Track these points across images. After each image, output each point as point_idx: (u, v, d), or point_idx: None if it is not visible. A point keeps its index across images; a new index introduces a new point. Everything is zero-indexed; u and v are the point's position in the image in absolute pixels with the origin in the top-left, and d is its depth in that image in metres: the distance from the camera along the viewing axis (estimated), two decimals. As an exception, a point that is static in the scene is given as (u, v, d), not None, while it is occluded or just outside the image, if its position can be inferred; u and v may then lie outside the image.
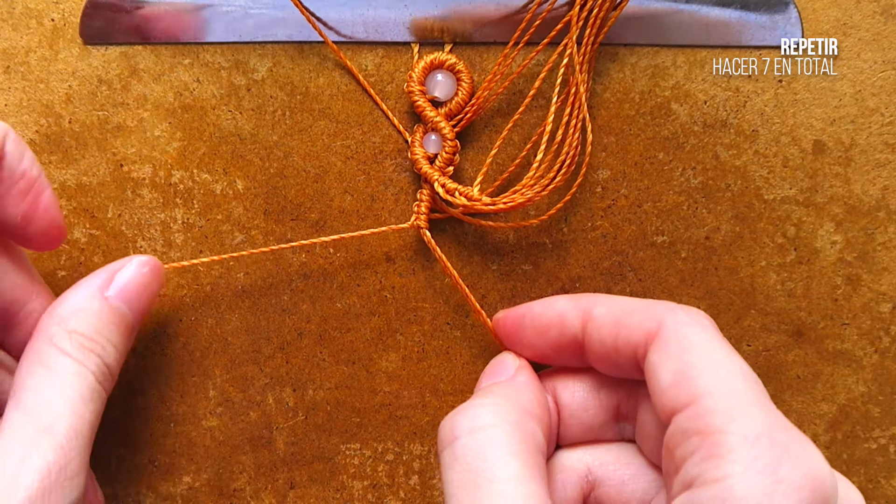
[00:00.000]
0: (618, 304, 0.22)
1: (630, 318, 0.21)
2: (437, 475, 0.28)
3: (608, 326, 0.22)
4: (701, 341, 0.20)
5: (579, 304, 0.23)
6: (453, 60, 0.27)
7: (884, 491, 0.28)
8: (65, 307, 0.22)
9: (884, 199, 0.28)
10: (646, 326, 0.21)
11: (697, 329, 0.20)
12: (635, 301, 0.22)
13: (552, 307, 0.24)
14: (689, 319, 0.21)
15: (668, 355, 0.20)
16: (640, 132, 0.28)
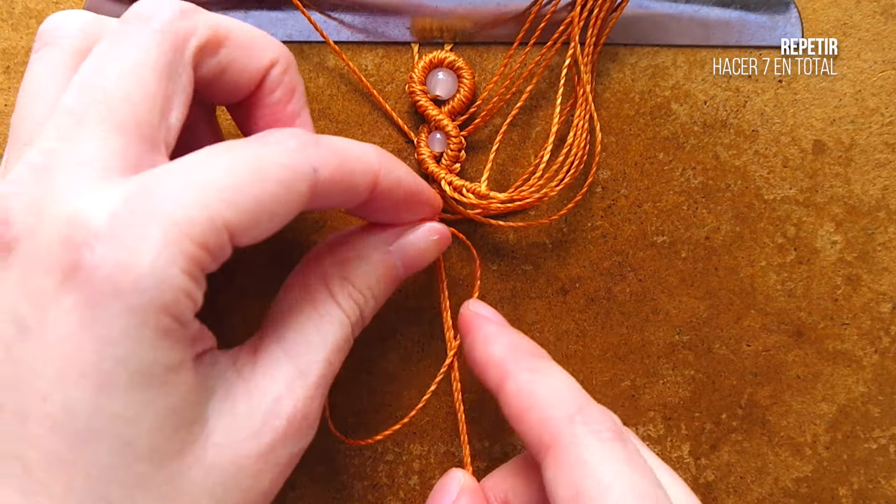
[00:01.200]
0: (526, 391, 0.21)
1: (530, 416, 0.21)
2: (436, 475, 0.28)
3: (512, 410, 0.21)
4: (593, 460, 0.19)
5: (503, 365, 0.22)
6: (453, 58, 0.27)
7: (884, 491, 0.28)
8: (347, 251, 0.22)
9: (884, 199, 0.28)
10: (541, 433, 0.20)
11: (594, 444, 0.19)
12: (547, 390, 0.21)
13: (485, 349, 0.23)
14: (586, 433, 0.19)
15: (560, 479, 0.19)
16: (640, 132, 0.28)
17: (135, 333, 0.16)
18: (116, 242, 0.16)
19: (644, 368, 0.28)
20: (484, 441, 0.28)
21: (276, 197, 0.18)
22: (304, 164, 0.18)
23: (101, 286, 0.16)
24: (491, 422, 0.28)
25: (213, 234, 0.16)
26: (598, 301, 0.28)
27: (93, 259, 0.16)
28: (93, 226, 0.16)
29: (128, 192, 0.16)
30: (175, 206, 0.16)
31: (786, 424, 0.28)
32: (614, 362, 0.28)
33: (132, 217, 0.16)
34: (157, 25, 0.19)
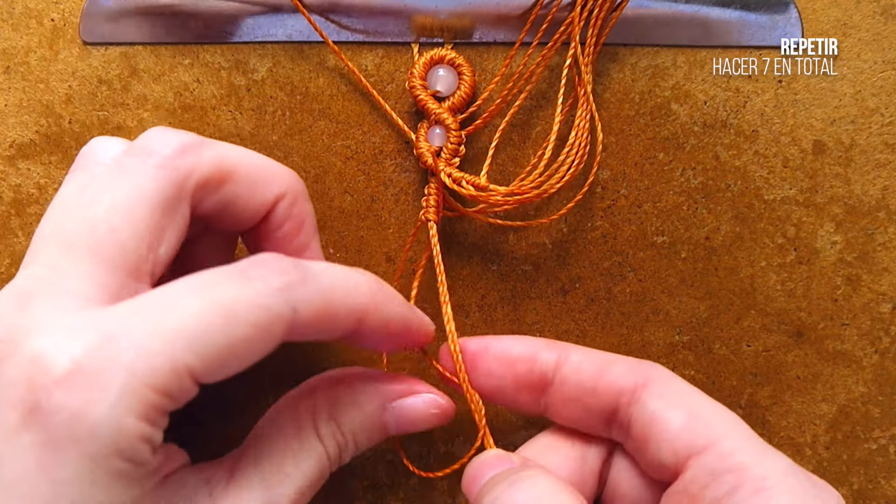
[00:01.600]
0: (597, 354, 0.22)
1: (613, 367, 0.21)
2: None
3: (589, 371, 0.22)
4: (694, 391, 0.21)
5: (555, 345, 0.23)
6: (454, 55, 0.27)
7: (884, 491, 0.28)
8: (344, 396, 0.22)
9: (884, 200, 0.28)
10: (632, 377, 0.21)
11: (684, 382, 0.21)
12: (612, 354, 0.22)
13: (524, 341, 0.23)
14: (673, 374, 0.21)
15: (672, 401, 0.20)
16: (640, 132, 0.28)
17: (89, 477, 0.16)
18: (74, 390, 0.16)
19: (644, 368, 0.28)
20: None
21: (247, 340, 0.17)
22: (282, 306, 0.18)
23: (57, 431, 0.16)
24: (491, 422, 0.28)
25: (174, 381, 0.17)
26: (598, 301, 0.28)
27: (50, 404, 0.16)
28: (53, 371, 0.16)
29: (92, 339, 0.17)
30: (137, 354, 0.16)
31: (786, 425, 0.28)
32: (614, 362, 0.28)
33: (94, 364, 0.16)
34: (157, 161, 0.19)
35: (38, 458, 0.16)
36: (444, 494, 0.28)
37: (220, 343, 0.17)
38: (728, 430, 0.19)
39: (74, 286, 0.18)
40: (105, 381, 0.16)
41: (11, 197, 0.28)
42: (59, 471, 0.16)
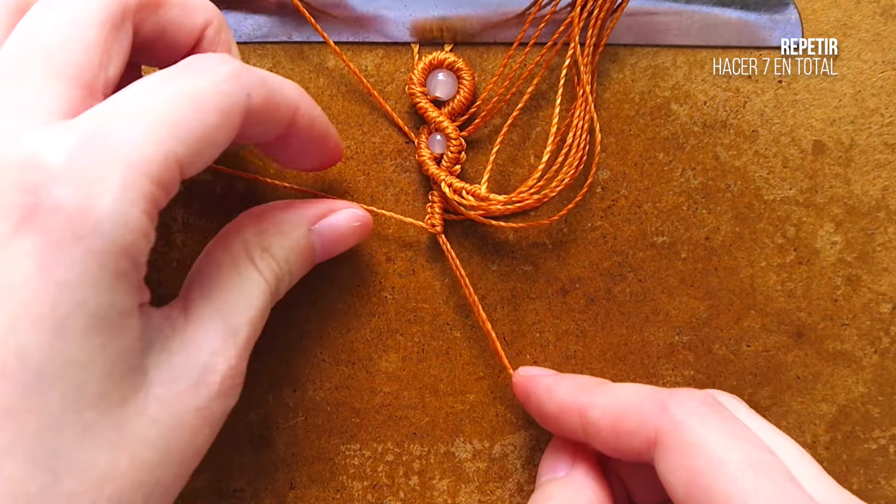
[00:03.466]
0: (612, 406, 0.22)
1: (626, 424, 0.21)
2: (436, 475, 0.28)
3: (607, 431, 0.21)
4: (700, 439, 0.19)
5: (577, 400, 0.23)
6: (453, 59, 0.27)
7: (884, 491, 0.28)
8: (268, 224, 0.22)
9: (884, 200, 0.28)
10: (644, 433, 0.20)
11: (696, 422, 0.20)
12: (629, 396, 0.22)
13: (552, 398, 0.23)
14: (684, 413, 0.20)
15: (673, 466, 0.19)
16: (640, 133, 0.28)
17: (94, 277, 0.16)
18: (76, 184, 0.16)
19: (644, 369, 0.28)
20: (484, 441, 0.28)
21: (217, 126, 0.18)
22: (238, 91, 0.18)
23: (60, 229, 0.15)
24: (490, 422, 0.28)
25: (166, 170, 0.17)
26: (598, 301, 0.28)
27: (51, 202, 0.15)
28: (51, 168, 0.16)
29: (82, 133, 0.16)
30: (131, 145, 0.16)
31: (786, 425, 0.28)
32: (614, 363, 0.28)
33: (90, 158, 0.16)
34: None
35: (38, 260, 0.15)
36: (444, 494, 0.28)
37: (196, 130, 0.17)
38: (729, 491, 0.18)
39: (36, 101, 0.17)
40: (104, 173, 0.16)
41: (11, 197, 0.28)
42: (62, 272, 0.15)
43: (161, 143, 0.17)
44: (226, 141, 0.19)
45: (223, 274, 0.21)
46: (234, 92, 0.18)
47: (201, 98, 0.18)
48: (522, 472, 0.28)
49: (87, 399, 0.16)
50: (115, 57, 0.19)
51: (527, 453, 0.28)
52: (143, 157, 0.16)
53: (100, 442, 0.16)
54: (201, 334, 0.20)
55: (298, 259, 0.23)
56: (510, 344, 0.28)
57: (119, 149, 0.16)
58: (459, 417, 0.28)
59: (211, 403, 0.19)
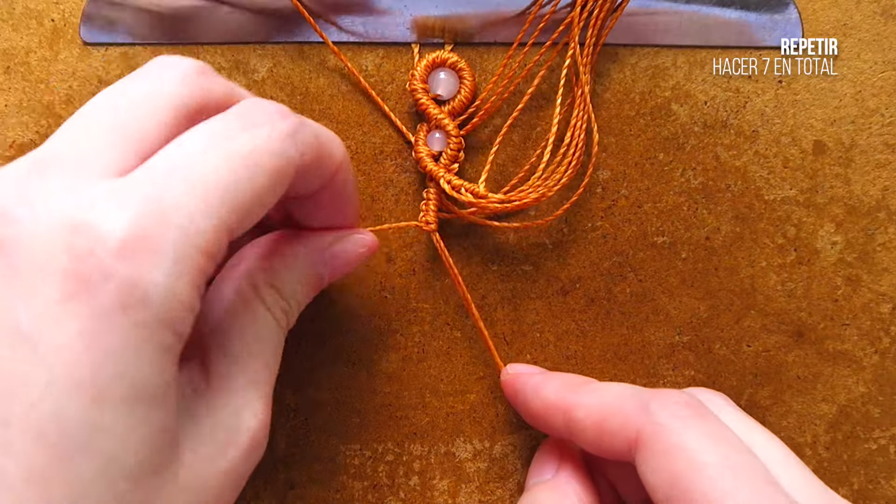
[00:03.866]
0: (596, 406, 0.22)
1: (609, 424, 0.21)
2: (436, 475, 0.28)
3: (590, 431, 0.21)
4: (681, 441, 0.19)
5: (563, 399, 0.23)
6: (455, 59, 0.27)
7: (884, 491, 0.28)
8: (276, 259, 0.22)
9: (884, 200, 0.28)
10: (625, 434, 0.20)
11: (677, 425, 0.20)
12: (613, 396, 0.22)
13: (539, 396, 0.24)
14: (666, 416, 0.20)
15: (654, 467, 0.19)
16: (641, 133, 0.28)
17: (137, 349, 0.16)
18: (129, 258, 0.15)
19: (644, 369, 0.28)
20: (484, 441, 0.28)
21: (269, 189, 0.18)
22: (294, 152, 0.18)
23: (109, 298, 0.15)
24: (491, 422, 0.28)
25: (217, 241, 0.17)
26: (598, 301, 0.28)
27: (102, 270, 0.15)
28: (107, 238, 0.15)
29: (137, 199, 0.16)
30: (186, 216, 0.16)
31: (786, 425, 0.28)
32: (615, 363, 0.28)
33: (144, 228, 0.16)
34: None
35: (83, 326, 0.15)
36: (445, 494, 0.28)
37: (247, 195, 0.17)
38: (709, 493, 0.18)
39: (93, 157, 0.17)
40: (159, 246, 0.16)
41: (12, 197, 0.28)
42: (106, 340, 0.15)
43: (214, 213, 0.16)
44: (276, 198, 0.18)
45: (237, 322, 0.21)
46: (289, 152, 0.18)
47: (256, 161, 0.17)
48: (523, 472, 0.28)
49: (121, 470, 0.16)
50: None
51: (527, 453, 0.28)
52: (196, 229, 0.16)
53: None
54: (225, 395, 0.19)
55: (307, 290, 0.23)
56: (510, 344, 0.28)
57: (174, 220, 0.16)
58: (460, 417, 0.28)
59: (238, 464, 0.19)
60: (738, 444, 0.19)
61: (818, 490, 0.20)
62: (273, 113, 0.19)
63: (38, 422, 0.15)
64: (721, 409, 0.22)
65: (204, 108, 0.19)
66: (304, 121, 0.19)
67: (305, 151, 0.19)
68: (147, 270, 0.15)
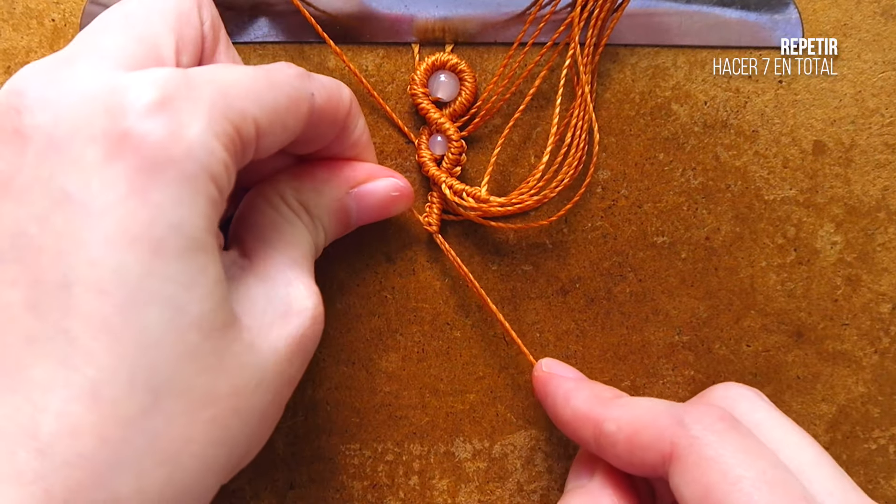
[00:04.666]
0: (628, 420, 0.21)
1: (641, 437, 0.21)
2: (436, 475, 0.28)
3: (621, 445, 0.21)
4: (717, 455, 0.19)
5: (593, 411, 0.22)
6: (455, 61, 0.27)
7: (884, 491, 0.28)
8: (305, 180, 0.23)
9: (884, 200, 0.28)
10: (659, 448, 0.20)
11: (712, 438, 0.20)
12: (645, 410, 0.22)
13: (569, 405, 0.23)
14: (701, 429, 0.20)
15: (688, 480, 0.19)
16: (641, 133, 0.28)
17: (188, 200, 0.16)
18: (165, 113, 0.16)
19: (644, 369, 0.28)
20: (484, 441, 0.28)
21: (287, 108, 0.19)
22: (304, 89, 0.20)
23: (153, 153, 0.16)
24: (490, 422, 0.28)
25: (245, 124, 0.17)
26: (598, 301, 0.28)
27: (143, 127, 0.16)
28: (141, 97, 0.16)
29: (167, 74, 0.17)
30: (216, 91, 0.17)
31: (785, 425, 0.28)
32: (614, 362, 0.28)
33: (178, 94, 0.16)
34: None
35: (132, 182, 0.15)
36: (444, 494, 0.28)
37: (270, 103, 0.18)
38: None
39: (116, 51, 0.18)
40: (192, 107, 0.16)
41: (12, 197, 0.28)
42: (157, 193, 0.15)
43: (241, 98, 0.17)
44: (295, 128, 0.19)
45: (268, 219, 0.21)
46: (303, 86, 0.20)
47: (276, 81, 0.19)
48: (522, 472, 0.28)
49: (189, 321, 0.16)
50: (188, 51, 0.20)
51: (527, 453, 0.28)
52: (226, 104, 0.17)
53: (200, 365, 0.16)
54: (272, 269, 0.20)
55: (333, 219, 0.23)
56: (510, 344, 0.28)
57: (204, 92, 0.17)
58: (459, 417, 0.28)
59: (303, 331, 0.19)
60: (774, 459, 0.19)
61: (850, 494, 0.20)
62: (283, 65, 0.20)
63: (100, 279, 0.15)
64: (754, 404, 0.22)
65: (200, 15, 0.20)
66: (311, 74, 0.21)
67: (317, 93, 0.20)
68: (184, 127, 0.16)
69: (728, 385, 0.24)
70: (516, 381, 0.28)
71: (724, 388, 0.24)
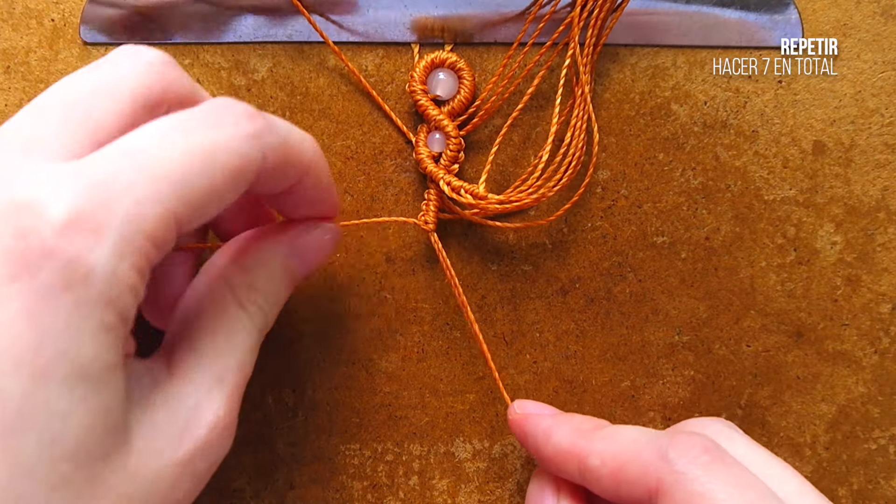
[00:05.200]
0: (611, 454, 0.21)
1: (626, 473, 0.21)
2: (436, 475, 0.28)
3: (607, 480, 0.21)
4: (705, 490, 0.19)
5: (575, 445, 0.22)
6: (454, 59, 0.27)
7: (883, 492, 0.28)
8: (249, 260, 0.22)
9: (884, 200, 0.28)
10: (645, 483, 0.20)
11: (699, 473, 0.19)
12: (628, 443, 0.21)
13: (550, 442, 0.23)
14: (685, 463, 0.20)
15: None
16: (640, 133, 0.28)
17: (79, 327, 0.15)
18: (72, 236, 0.15)
19: (644, 369, 0.28)
20: (484, 441, 0.28)
21: (225, 187, 0.18)
22: (256, 153, 0.18)
23: (51, 276, 0.15)
24: (490, 422, 0.28)
25: (163, 228, 0.16)
26: (597, 301, 0.28)
27: (45, 248, 0.15)
28: (50, 217, 0.15)
29: (85, 181, 0.16)
30: (131, 201, 0.16)
31: (785, 425, 0.28)
32: (614, 362, 0.28)
33: (89, 211, 0.16)
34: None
35: (25, 305, 0.15)
36: (444, 494, 0.28)
37: (201, 189, 0.17)
38: None
39: (50, 139, 0.17)
40: (102, 226, 0.16)
41: (12, 197, 0.28)
42: (48, 318, 0.15)
43: (163, 202, 0.16)
44: (232, 198, 0.18)
45: (209, 319, 0.21)
46: (251, 153, 0.18)
47: (215, 157, 0.17)
48: (522, 472, 0.28)
49: (63, 451, 0.16)
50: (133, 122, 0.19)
51: (527, 453, 0.28)
52: (142, 214, 0.16)
53: (70, 495, 0.16)
54: (185, 387, 0.19)
55: (282, 286, 0.23)
56: (510, 344, 0.28)
57: (119, 203, 0.16)
58: (459, 417, 0.28)
59: (193, 457, 0.19)
60: (762, 488, 0.19)
61: None
62: (240, 113, 0.18)
63: None
64: (732, 439, 0.22)
65: (164, 100, 0.19)
66: (272, 123, 0.19)
67: (269, 154, 0.19)
68: (90, 249, 0.15)
69: (703, 420, 0.24)
70: (516, 381, 0.28)
71: (701, 424, 0.23)
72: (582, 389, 0.28)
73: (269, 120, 0.19)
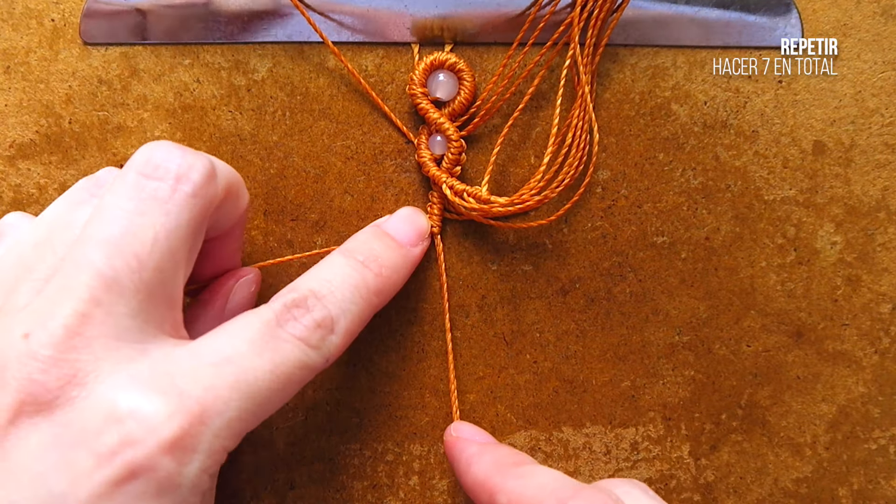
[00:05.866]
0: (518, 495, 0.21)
1: None
2: (436, 475, 0.28)
3: None
4: None
5: (489, 480, 0.22)
6: (454, 60, 0.27)
7: (884, 492, 0.28)
8: None
9: (884, 200, 0.28)
10: None
11: None
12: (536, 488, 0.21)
13: (469, 472, 0.23)
14: None
15: None
16: (640, 133, 0.28)
17: None
18: (174, 453, 0.17)
19: (644, 369, 0.28)
20: (484, 441, 0.28)
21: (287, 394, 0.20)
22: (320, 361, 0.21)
23: (146, 486, 0.17)
24: (490, 422, 0.28)
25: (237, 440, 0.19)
26: (598, 301, 0.28)
27: (149, 464, 0.17)
28: (159, 436, 0.17)
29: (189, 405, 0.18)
30: (223, 424, 0.18)
31: (786, 425, 0.28)
32: (614, 363, 0.28)
33: (191, 435, 0.18)
34: (190, 190, 0.20)
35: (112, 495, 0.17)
36: (444, 494, 0.28)
37: (268, 400, 0.19)
38: None
39: (125, 323, 0.18)
40: (197, 445, 0.18)
41: (11, 197, 0.28)
42: None
43: (247, 420, 0.19)
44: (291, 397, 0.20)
45: None
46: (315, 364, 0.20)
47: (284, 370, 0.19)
48: (522, 472, 0.28)
49: None
50: (192, 258, 0.21)
51: (526, 453, 0.28)
52: (229, 431, 0.18)
53: None
54: None
55: None
56: (510, 344, 0.28)
57: (213, 424, 0.18)
58: (459, 417, 0.28)
59: None
60: None
61: None
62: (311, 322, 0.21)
63: None
64: (639, 500, 0.22)
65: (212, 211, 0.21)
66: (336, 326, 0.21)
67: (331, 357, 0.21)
68: (184, 465, 0.17)
69: (617, 481, 0.23)
70: (516, 381, 0.28)
71: (614, 484, 0.23)
72: (582, 389, 0.28)
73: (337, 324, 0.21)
